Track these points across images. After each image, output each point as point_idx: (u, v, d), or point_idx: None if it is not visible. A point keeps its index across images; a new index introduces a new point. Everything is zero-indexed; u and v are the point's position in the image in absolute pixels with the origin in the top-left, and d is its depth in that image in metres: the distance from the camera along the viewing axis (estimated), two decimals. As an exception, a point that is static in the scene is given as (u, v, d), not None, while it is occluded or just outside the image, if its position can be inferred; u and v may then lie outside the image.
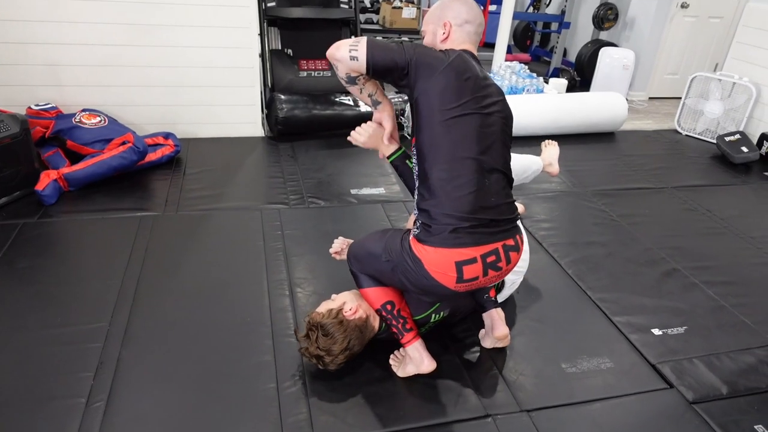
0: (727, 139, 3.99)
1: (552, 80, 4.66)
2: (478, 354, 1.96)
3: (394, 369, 1.83)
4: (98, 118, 3.20)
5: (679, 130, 4.51)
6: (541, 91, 4.32)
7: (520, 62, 4.67)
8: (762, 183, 3.63)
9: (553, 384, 1.85)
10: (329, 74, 4.31)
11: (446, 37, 1.62)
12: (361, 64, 1.50)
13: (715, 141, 4.14)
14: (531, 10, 6.49)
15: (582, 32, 6.06)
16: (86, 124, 3.13)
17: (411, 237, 1.58)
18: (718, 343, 2.09)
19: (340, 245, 2.00)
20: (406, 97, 4.02)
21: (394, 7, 5.53)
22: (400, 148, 1.82)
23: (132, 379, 1.75)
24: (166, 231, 2.59)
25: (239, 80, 3.57)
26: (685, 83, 4.43)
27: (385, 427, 1.64)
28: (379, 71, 1.52)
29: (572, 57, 6.10)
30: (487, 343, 1.95)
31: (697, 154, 4.07)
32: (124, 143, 3.01)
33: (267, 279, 2.29)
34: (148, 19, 3.26)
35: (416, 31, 5.77)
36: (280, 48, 4.19)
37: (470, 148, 1.51)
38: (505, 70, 4.42)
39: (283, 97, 3.75)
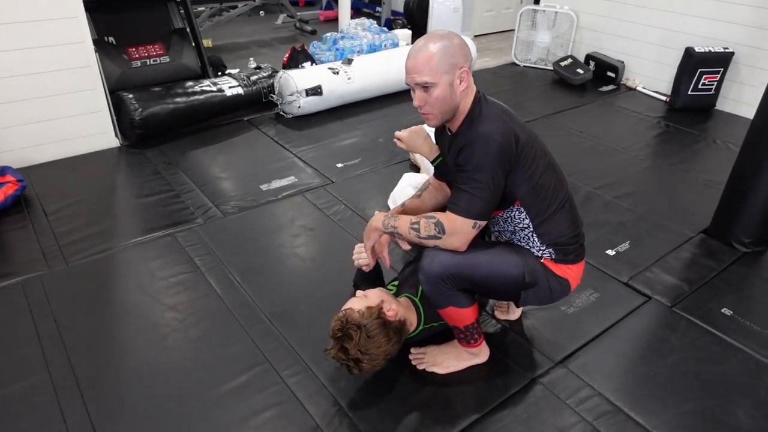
0: (562, 64, 4.45)
1: (397, 32, 4.66)
2: (491, 326, 1.94)
3: (430, 369, 1.72)
4: None
5: (517, 62, 4.89)
6: (397, 45, 4.30)
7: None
8: (603, 99, 4.14)
9: (564, 329, 1.93)
10: (167, 59, 3.74)
11: (466, 86, 1.47)
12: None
13: (551, 68, 4.59)
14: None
15: (397, -20, 6.11)
16: None
17: (544, 259, 1.58)
18: (657, 248, 2.37)
19: (370, 255, 1.72)
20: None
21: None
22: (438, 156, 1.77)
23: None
24: (66, 291, 2.04)
25: (75, 84, 2.89)
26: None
27: (455, 427, 1.56)
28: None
29: (394, 7, 6.16)
30: (502, 316, 1.96)
31: (542, 82, 4.47)
32: (-48, 193, 2.27)
33: (230, 309, 1.97)
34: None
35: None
36: (97, 37, 3.49)
37: (558, 180, 1.56)
38: (356, 28, 4.29)
39: (131, 95, 3.15)
